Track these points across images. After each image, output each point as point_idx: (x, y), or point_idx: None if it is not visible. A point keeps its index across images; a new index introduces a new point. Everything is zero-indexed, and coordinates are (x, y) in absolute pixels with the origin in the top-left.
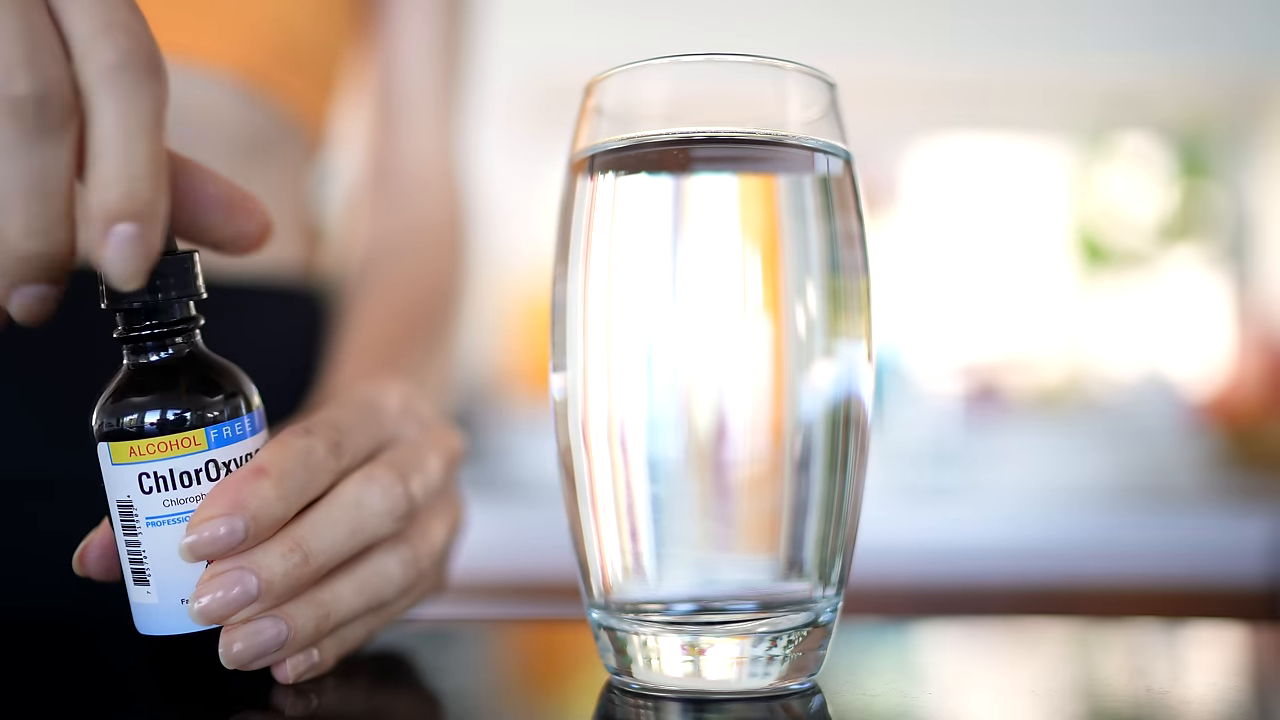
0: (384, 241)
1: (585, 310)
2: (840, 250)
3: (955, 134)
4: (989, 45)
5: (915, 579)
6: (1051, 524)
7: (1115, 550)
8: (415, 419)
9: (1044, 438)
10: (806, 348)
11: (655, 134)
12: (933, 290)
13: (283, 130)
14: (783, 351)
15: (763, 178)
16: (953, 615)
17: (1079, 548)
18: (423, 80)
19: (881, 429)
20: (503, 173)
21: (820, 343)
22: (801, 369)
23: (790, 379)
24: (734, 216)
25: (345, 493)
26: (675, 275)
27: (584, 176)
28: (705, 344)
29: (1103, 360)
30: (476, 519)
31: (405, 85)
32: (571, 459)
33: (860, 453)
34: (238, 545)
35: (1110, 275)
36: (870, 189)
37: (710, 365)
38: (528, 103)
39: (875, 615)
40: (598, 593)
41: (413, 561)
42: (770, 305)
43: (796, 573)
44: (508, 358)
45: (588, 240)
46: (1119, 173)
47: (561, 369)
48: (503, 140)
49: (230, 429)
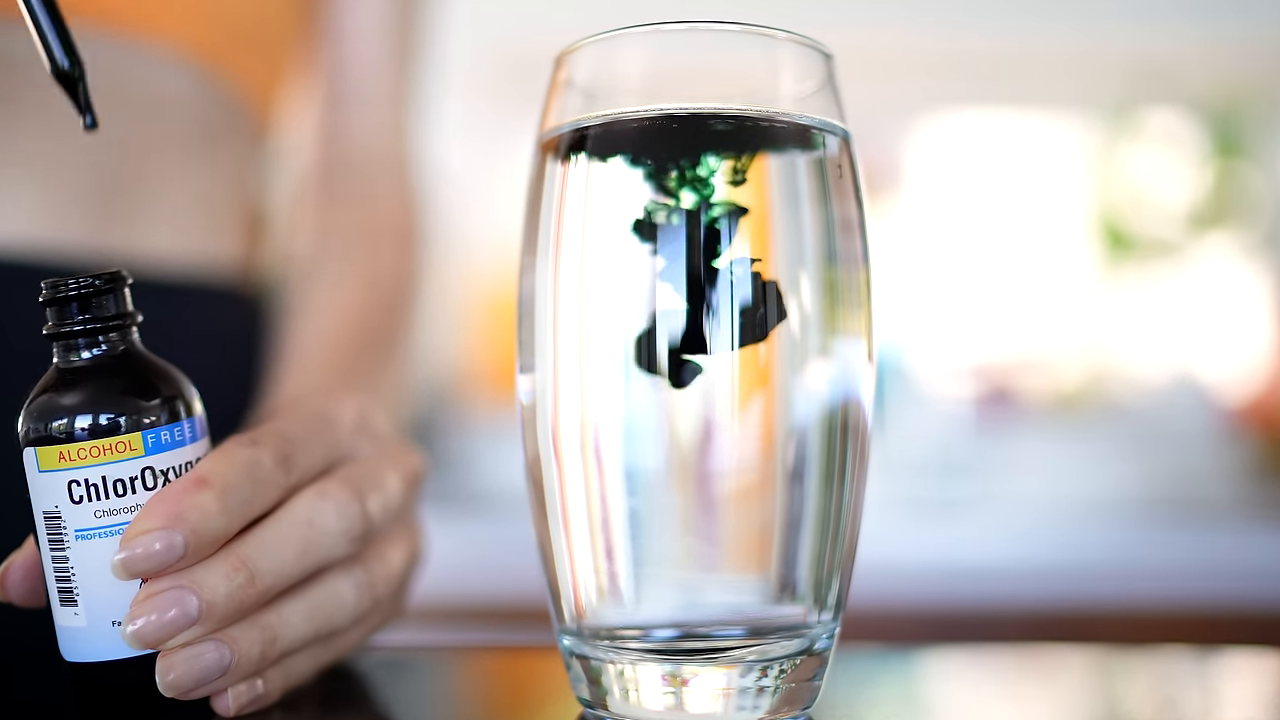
0: (333, 237)
1: (556, 305)
2: (838, 239)
3: (964, 110)
4: (1001, 13)
5: (920, 602)
6: (1070, 541)
7: (1141, 570)
8: (371, 435)
9: (1062, 446)
10: (800, 346)
11: (632, 111)
12: (939, 283)
13: (231, 115)
14: (774, 350)
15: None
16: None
17: (1101, 567)
18: (375, 60)
19: (883, 436)
20: (464, 154)
21: (815, 341)
22: (795, 370)
23: (782, 380)
24: (719, 199)
25: (296, 509)
26: (655, 266)
27: (554, 157)
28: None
29: (1127, 360)
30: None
31: (356, 66)
32: (540, 469)
33: (859, 462)
34: (176, 562)
35: (1136, 266)
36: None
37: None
38: (492, 76)
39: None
40: (570, 617)
41: (368, 587)
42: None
43: (789, 595)
44: (470, 358)
45: (558, 228)
46: (1145, 153)
47: (529, 370)
48: (464, 118)
49: (169, 434)
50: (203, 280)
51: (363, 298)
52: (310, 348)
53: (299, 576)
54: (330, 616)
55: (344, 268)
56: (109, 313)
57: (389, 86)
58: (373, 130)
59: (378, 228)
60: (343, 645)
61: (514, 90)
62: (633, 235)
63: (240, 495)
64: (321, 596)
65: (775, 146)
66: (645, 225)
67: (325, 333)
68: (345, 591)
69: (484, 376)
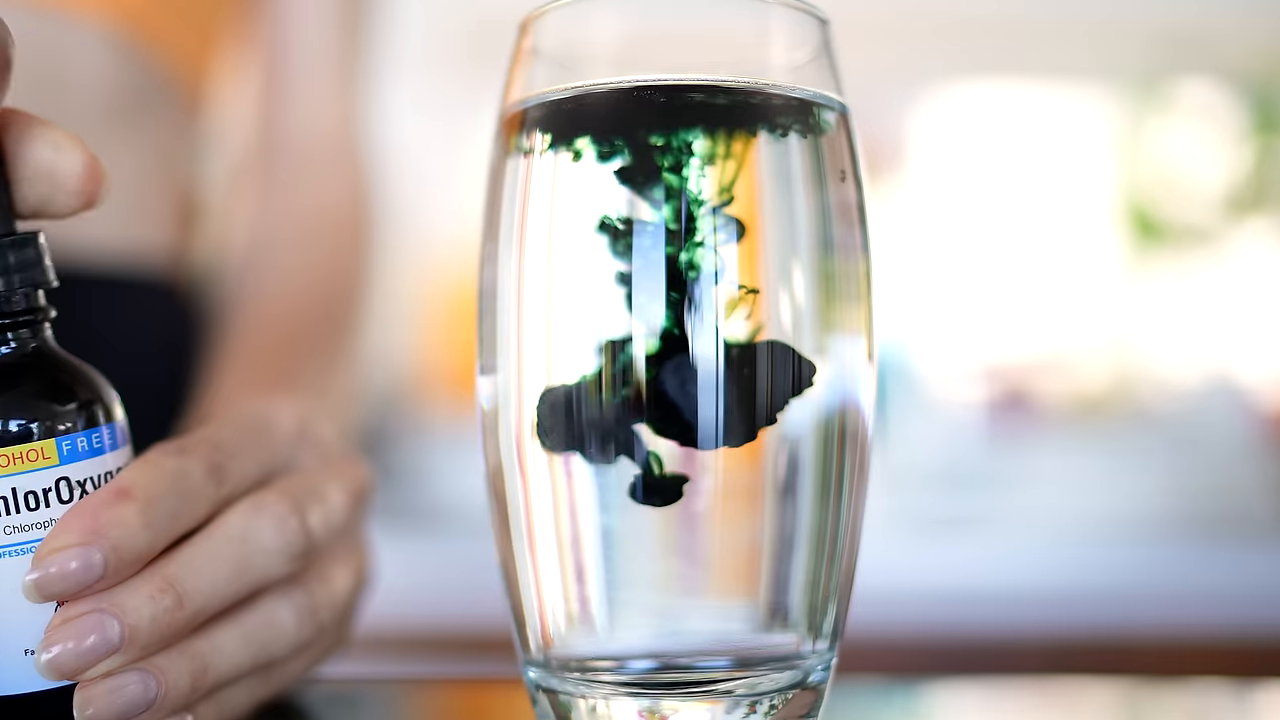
0: (273, 227)
1: (520, 299)
2: (834, 225)
3: (974, 81)
4: None
5: (926, 629)
6: (1094, 562)
7: (1173, 593)
8: (313, 443)
9: (1085, 455)
10: (793, 345)
11: (605, 83)
12: (948, 274)
13: (159, 88)
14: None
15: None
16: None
17: (1128, 590)
18: (319, 29)
19: (885, 445)
20: (418, 131)
21: (810, 339)
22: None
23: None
24: (703, 184)
25: (229, 524)
26: (631, 256)
27: (518, 135)
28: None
29: (1157, 360)
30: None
31: (298, 35)
32: (503, 481)
33: (859, 474)
34: (95, 583)
35: (1166, 256)
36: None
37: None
38: (450, 46)
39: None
40: (536, 647)
41: (310, 611)
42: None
43: (780, 622)
44: (425, 357)
45: (523, 212)
46: (1177, 130)
47: (491, 371)
48: (418, 91)
49: (86, 441)
50: (126, 271)
51: (306, 291)
52: (246, 347)
53: (233, 599)
54: (268, 644)
55: (285, 258)
56: (18, 308)
57: (335, 57)
58: (317, 107)
59: (323, 214)
60: (282, 677)
61: (474, 61)
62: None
63: (166, 508)
64: (258, 622)
65: (766, 122)
66: (613, 236)
67: (263, 330)
68: (285, 616)
69: (441, 378)
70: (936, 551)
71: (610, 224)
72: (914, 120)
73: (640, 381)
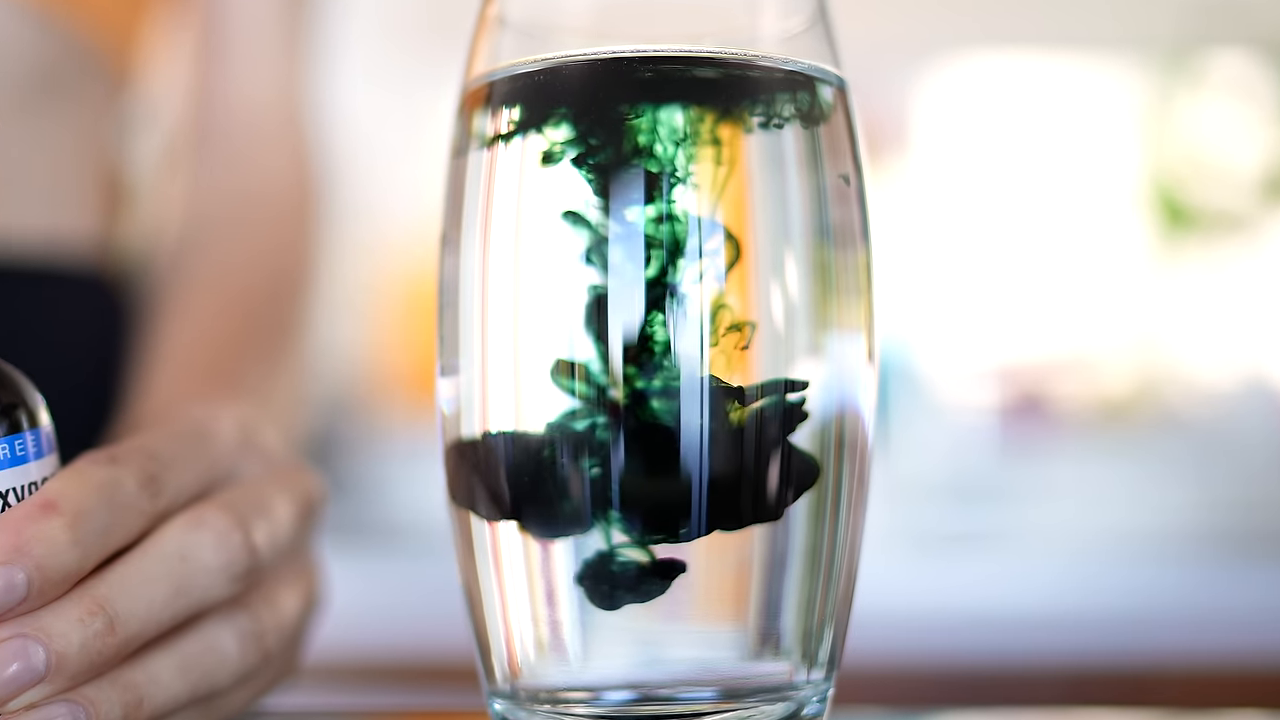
0: (210, 209)
1: (485, 293)
2: (831, 211)
3: (985, 52)
4: None
5: (932, 656)
6: (1118, 583)
7: (1204, 618)
8: (258, 453)
9: (1107, 465)
10: (785, 343)
11: (579, 54)
12: (956, 265)
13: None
14: (752, 348)
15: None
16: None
17: (1156, 614)
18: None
19: (887, 453)
20: (371, 105)
21: (803, 337)
22: (778, 372)
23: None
24: (685, 165)
25: (165, 541)
26: (607, 245)
27: (483, 112)
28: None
29: (1186, 360)
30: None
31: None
32: None
33: (858, 486)
34: (18, 604)
35: (1197, 245)
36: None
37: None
38: (406, 9)
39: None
40: (501, 676)
41: (254, 636)
42: (736, 286)
43: (771, 649)
44: (379, 356)
45: (488, 198)
46: (1209, 106)
47: (453, 372)
48: (372, 61)
49: (8, 449)
50: (49, 262)
51: (248, 283)
52: (182, 344)
53: (170, 623)
54: (209, 673)
55: (224, 244)
56: None
57: (278, 22)
58: (258, 77)
59: (265, 195)
60: (225, 708)
61: (435, 29)
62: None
63: (96, 523)
64: (198, 648)
65: (756, 98)
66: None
67: (201, 325)
68: (227, 642)
69: (398, 380)
70: (943, 571)
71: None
72: (919, 95)
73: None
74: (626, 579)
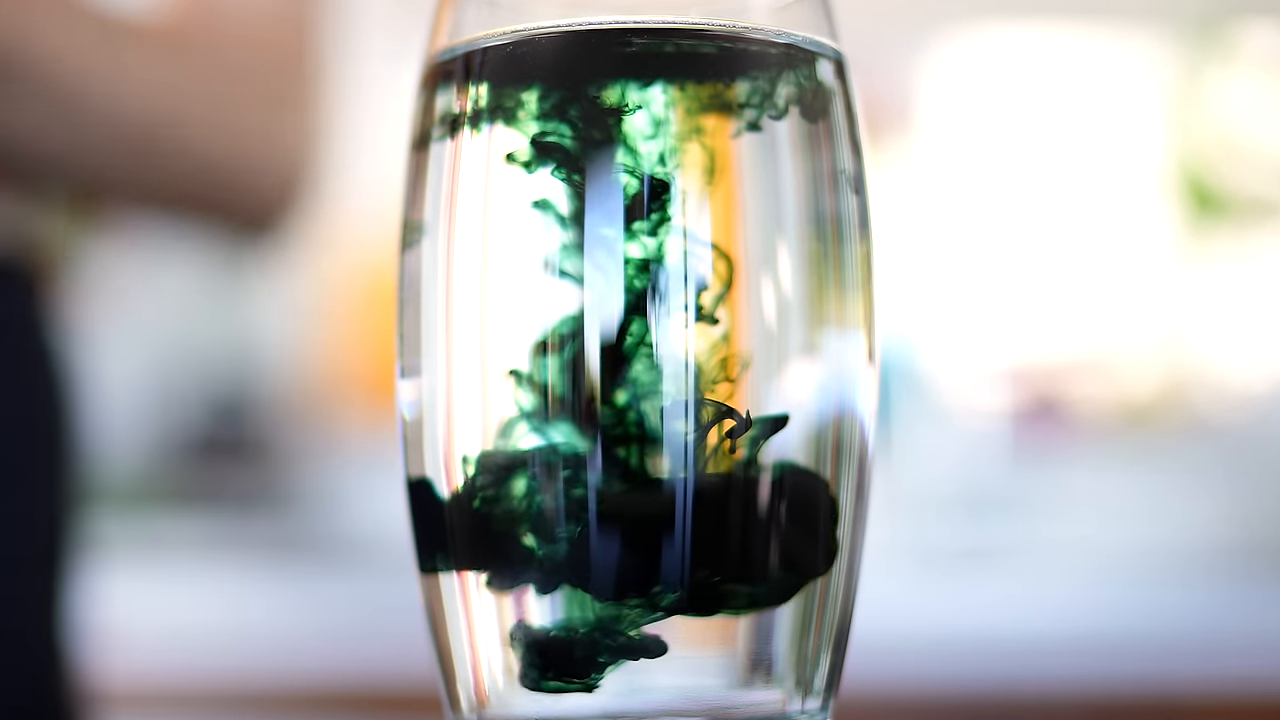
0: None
1: (449, 287)
2: (827, 199)
3: (996, 24)
4: None
5: (938, 683)
6: (1140, 602)
7: (1233, 640)
8: None
9: (1129, 475)
10: (778, 343)
11: (553, 26)
12: (964, 258)
13: None
14: (743, 349)
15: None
16: None
17: (1180, 636)
18: None
19: (889, 462)
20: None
21: (798, 335)
22: (770, 374)
23: (754, 388)
24: (670, 150)
25: None
26: (584, 236)
27: (446, 88)
28: (629, 337)
29: (1215, 361)
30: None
31: None
32: None
33: (857, 497)
34: None
35: (1227, 235)
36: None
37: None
38: None
39: None
40: (468, 706)
41: None
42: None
43: (762, 675)
44: (334, 356)
45: (453, 184)
46: (1240, 83)
47: (414, 373)
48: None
49: None
50: None
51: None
52: None
53: None
54: None
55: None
56: None
57: None
58: None
59: None
60: None
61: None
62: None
63: None
64: None
65: (746, 74)
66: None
67: None
68: None
69: (354, 382)
70: (950, 590)
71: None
72: (923, 71)
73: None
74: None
